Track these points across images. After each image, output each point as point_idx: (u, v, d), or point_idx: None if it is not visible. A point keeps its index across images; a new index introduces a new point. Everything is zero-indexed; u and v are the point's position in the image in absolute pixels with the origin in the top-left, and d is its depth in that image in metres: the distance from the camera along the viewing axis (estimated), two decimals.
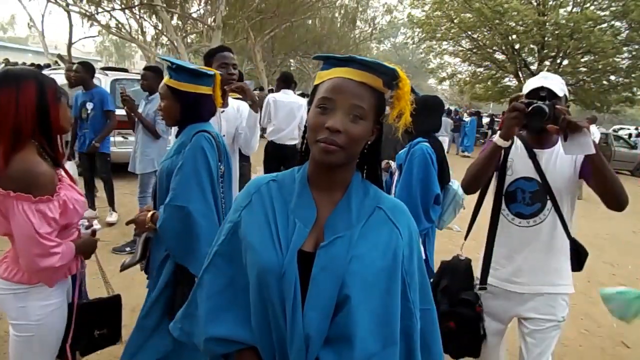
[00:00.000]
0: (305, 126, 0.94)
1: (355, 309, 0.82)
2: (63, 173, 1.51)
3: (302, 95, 9.72)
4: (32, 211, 1.28)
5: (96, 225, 1.80)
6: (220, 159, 1.71)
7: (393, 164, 2.83)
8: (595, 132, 8.89)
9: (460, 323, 1.81)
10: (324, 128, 0.82)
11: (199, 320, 0.94)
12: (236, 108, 2.40)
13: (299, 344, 0.82)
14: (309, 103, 0.91)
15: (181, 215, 1.56)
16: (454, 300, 1.86)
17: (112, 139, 6.12)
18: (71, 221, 1.45)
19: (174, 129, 2.03)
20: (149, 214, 1.69)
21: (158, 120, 4.00)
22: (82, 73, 4.44)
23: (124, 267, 1.84)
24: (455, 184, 2.67)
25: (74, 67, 4.64)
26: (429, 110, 2.59)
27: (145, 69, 4.29)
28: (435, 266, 4.19)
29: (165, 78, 1.71)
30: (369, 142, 0.91)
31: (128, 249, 3.89)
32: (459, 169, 2.83)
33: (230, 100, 2.42)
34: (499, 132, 1.65)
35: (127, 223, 1.77)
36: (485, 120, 19.69)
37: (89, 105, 4.43)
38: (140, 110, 4.10)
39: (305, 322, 0.82)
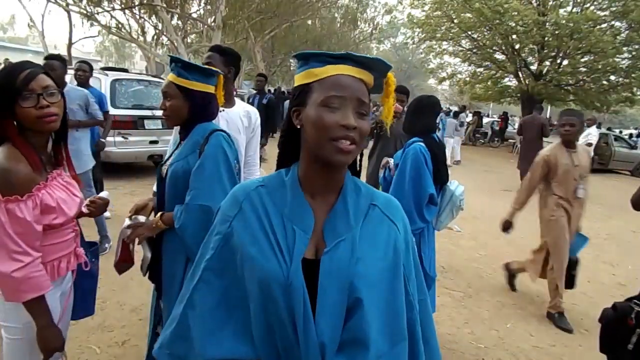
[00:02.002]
0: (285, 129, 0.91)
1: (367, 311, 0.82)
2: (64, 172, 1.50)
3: None
4: (2, 210, 1.26)
5: (104, 194, 1.77)
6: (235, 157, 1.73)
7: (391, 161, 2.83)
8: (594, 133, 8.85)
9: (604, 321, 1.86)
10: (338, 126, 0.80)
11: (194, 342, 0.89)
12: (244, 112, 2.39)
13: (314, 354, 0.81)
14: (299, 104, 0.86)
15: (204, 214, 1.55)
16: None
17: (112, 139, 6.16)
18: (56, 222, 1.40)
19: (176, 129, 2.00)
20: (158, 215, 1.67)
21: (90, 111, 3.94)
22: (89, 72, 4.40)
23: (145, 271, 1.83)
24: (454, 184, 2.64)
25: (81, 66, 4.48)
26: (422, 110, 2.63)
27: (51, 57, 3.73)
28: (438, 264, 4.21)
29: (172, 76, 1.67)
30: None
31: (107, 245, 3.90)
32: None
33: (238, 102, 2.41)
34: None
35: (134, 230, 1.75)
36: (486, 120, 19.67)
37: None
38: None
39: (318, 331, 0.80)
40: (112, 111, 6.14)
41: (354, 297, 0.82)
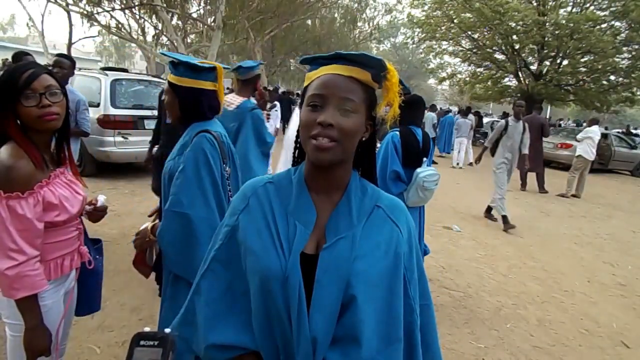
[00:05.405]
0: (297, 129, 0.93)
1: (361, 309, 0.83)
2: (67, 171, 1.51)
3: None
4: (2, 206, 1.27)
5: (101, 198, 1.71)
6: (224, 160, 1.64)
7: None
8: (596, 132, 8.85)
9: None
10: (315, 124, 0.81)
11: (198, 327, 0.93)
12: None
13: (305, 347, 0.82)
14: (299, 106, 0.90)
15: (182, 222, 1.49)
16: None
17: (112, 139, 6.17)
18: (58, 219, 1.41)
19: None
20: (149, 225, 1.66)
21: (79, 119, 3.77)
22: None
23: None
24: (424, 167, 3.07)
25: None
26: (416, 106, 3.16)
27: (62, 55, 3.63)
28: (438, 264, 4.22)
29: (168, 74, 1.70)
30: (363, 139, 0.90)
31: None
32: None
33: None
34: None
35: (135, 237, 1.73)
36: (487, 119, 19.64)
37: None
38: None
39: (311, 325, 0.82)
40: (112, 111, 6.17)
41: (349, 294, 0.83)
